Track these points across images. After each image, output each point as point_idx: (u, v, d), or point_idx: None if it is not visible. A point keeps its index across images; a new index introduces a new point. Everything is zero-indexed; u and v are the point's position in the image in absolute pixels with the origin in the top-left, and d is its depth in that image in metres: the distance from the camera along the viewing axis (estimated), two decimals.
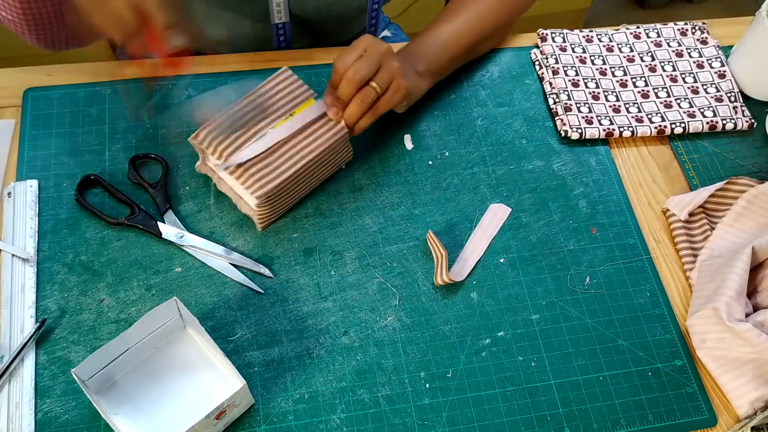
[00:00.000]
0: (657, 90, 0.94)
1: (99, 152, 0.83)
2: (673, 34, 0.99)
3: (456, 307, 0.77)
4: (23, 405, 0.68)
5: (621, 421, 0.73)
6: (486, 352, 0.75)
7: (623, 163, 0.89)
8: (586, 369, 0.75)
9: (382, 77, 0.76)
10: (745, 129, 0.92)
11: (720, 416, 0.74)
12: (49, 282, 0.75)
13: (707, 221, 0.84)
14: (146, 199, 0.80)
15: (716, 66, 0.96)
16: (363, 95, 0.76)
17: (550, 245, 0.82)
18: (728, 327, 0.72)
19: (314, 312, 0.76)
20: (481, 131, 0.89)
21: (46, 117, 0.85)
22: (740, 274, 0.74)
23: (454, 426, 0.71)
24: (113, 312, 0.74)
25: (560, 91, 0.91)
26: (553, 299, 0.79)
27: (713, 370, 0.75)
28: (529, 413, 0.72)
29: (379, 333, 0.75)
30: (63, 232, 0.78)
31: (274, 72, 0.80)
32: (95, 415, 0.68)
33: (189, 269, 0.77)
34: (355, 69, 0.75)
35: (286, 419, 0.70)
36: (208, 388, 0.70)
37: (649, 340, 0.77)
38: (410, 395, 0.72)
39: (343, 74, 0.76)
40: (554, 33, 0.97)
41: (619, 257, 0.82)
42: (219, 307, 0.75)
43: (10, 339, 0.71)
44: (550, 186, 0.86)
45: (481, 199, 0.85)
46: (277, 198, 0.76)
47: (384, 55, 0.77)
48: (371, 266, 0.79)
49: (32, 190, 0.79)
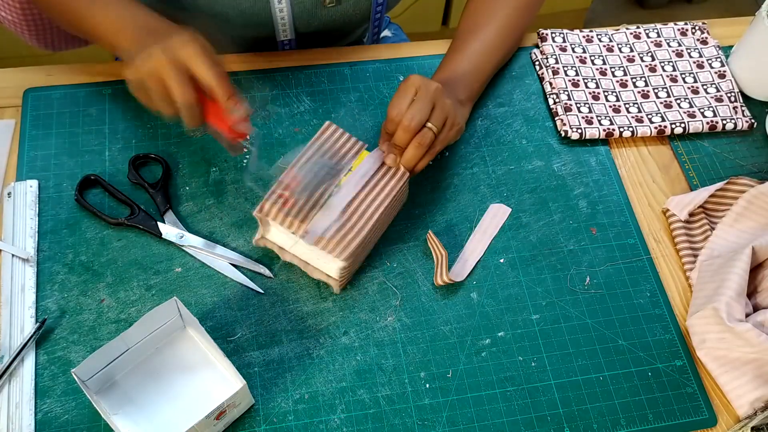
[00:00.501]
0: (657, 90, 0.94)
1: (99, 152, 0.83)
2: (673, 34, 0.99)
3: (456, 307, 0.77)
4: (23, 405, 0.68)
5: (621, 421, 0.73)
6: (486, 352, 0.75)
7: (623, 163, 0.89)
8: (586, 369, 0.75)
9: (437, 117, 0.75)
10: (745, 129, 0.92)
11: (720, 416, 0.74)
12: (49, 282, 0.75)
13: (707, 221, 0.84)
14: (146, 199, 0.80)
15: (716, 66, 0.96)
16: (421, 138, 0.74)
17: (550, 245, 0.82)
18: (728, 327, 0.72)
19: (314, 312, 0.76)
20: (481, 131, 0.89)
21: (46, 117, 0.85)
22: (740, 274, 0.74)
23: (454, 426, 0.71)
24: (113, 312, 0.74)
25: (560, 91, 0.91)
26: (553, 299, 0.79)
27: (713, 370, 0.75)
28: (529, 413, 0.72)
29: (379, 333, 0.75)
30: (63, 232, 0.78)
31: (276, 74, 0.80)
32: (95, 415, 0.68)
33: (189, 269, 0.77)
34: (411, 115, 0.73)
35: (286, 419, 0.70)
36: (208, 388, 0.70)
37: (649, 340, 0.77)
38: (410, 395, 0.72)
39: (398, 122, 0.74)
40: (554, 33, 0.97)
41: (619, 257, 0.82)
42: (219, 307, 0.75)
43: (10, 339, 0.71)
44: (550, 186, 0.86)
45: (481, 199, 0.85)
46: (356, 256, 0.74)
47: (435, 94, 0.75)
48: (371, 266, 0.79)
49: (32, 190, 0.79)
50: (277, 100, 0.89)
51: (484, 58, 0.87)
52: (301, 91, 0.90)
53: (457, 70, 0.85)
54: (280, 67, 0.92)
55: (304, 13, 0.89)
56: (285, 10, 0.87)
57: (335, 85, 0.91)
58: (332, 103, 0.89)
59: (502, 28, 0.89)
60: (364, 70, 0.93)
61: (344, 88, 0.91)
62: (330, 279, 0.75)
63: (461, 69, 0.85)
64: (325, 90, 0.90)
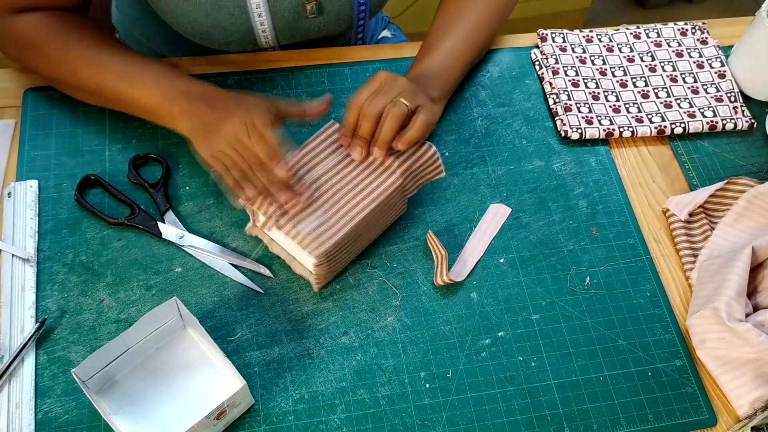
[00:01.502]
0: (657, 90, 0.94)
1: (99, 152, 0.83)
2: (673, 34, 0.99)
3: (456, 307, 0.77)
4: (23, 405, 0.68)
5: (621, 421, 0.73)
6: (486, 352, 0.75)
7: (623, 163, 0.89)
8: (586, 369, 0.75)
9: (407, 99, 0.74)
10: (745, 129, 0.92)
11: (720, 416, 0.74)
12: (49, 282, 0.75)
13: (707, 221, 0.84)
14: (146, 199, 0.80)
15: (716, 66, 0.96)
16: (395, 109, 0.72)
17: (550, 245, 0.82)
18: (728, 327, 0.72)
19: (314, 312, 0.76)
20: (481, 131, 0.89)
21: (46, 117, 0.85)
22: (740, 274, 0.74)
23: (454, 426, 0.71)
24: (113, 312, 0.74)
25: (560, 91, 0.91)
26: (553, 299, 0.79)
27: (713, 370, 0.75)
28: (529, 413, 0.72)
29: (379, 333, 0.75)
30: (63, 232, 0.78)
31: (276, 74, 0.79)
32: (95, 415, 0.68)
33: (189, 269, 0.77)
34: (372, 104, 0.72)
35: (286, 419, 0.70)
36: (208, 388, 0.70)
37: (649, 340, 0.77)
38: (410, 395, 0.72)
39: (359, 111, 0.73)
40: (554, 33, 0.97)
41: (619, 257, 0.82)
42: (219, 307, 0.75)
43: (10, 339, 0.71)
44: (550, 186, 0.86)
45: (481, 199, 0.85)
46: (334, 257, 0.73)
47: (402, 88, 0.74)
48: (371, 266, 0.79)
49: (32, 190, 0.79)
50: None
51: (458, 56, 0.86)
52: (301, 92, 0.90)
53: (430, 67, 0.84)
54: (280, 67, 0.92)
55: (286, 26, 0.88)
56: (266, 23, 0.86)
57: (335, 85, 0.91)
58: (332, 104, 0.89)
59: (476, 23, 0.88)
60: (364, 70, 0.93)
61: (344, 88, 0.91)
62: (310, 276, 0.75)
63: (434, 66, 0.84)
64: (325, 90, 0.90)
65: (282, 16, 0.86)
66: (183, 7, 0.83)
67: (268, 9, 0.84)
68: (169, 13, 0.85)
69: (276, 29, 0.88)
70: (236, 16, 0.84)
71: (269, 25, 0.87)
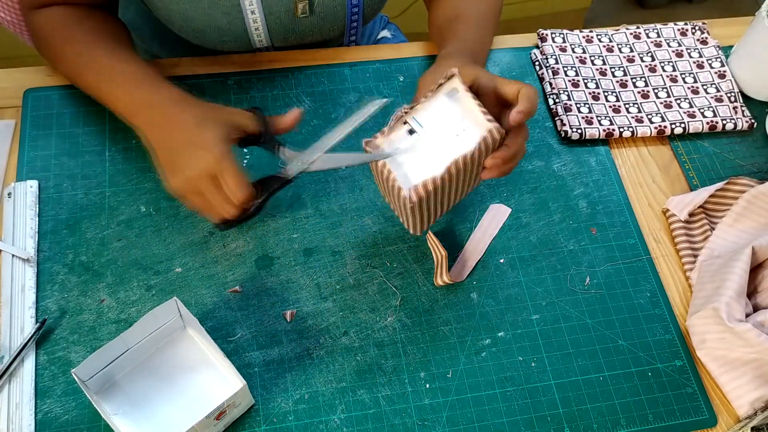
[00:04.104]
0: (657, 90, 0.94)
1: (99, 152, 0.83)
2: (673, 34, 0.99)
3: (456, 307, 0.78)
4: (23, 405, 0.68)
5: (621, 421, 0.73)
6: (486, 353, 0.75)
7: (623, 163, 0.89)
8: (586, 369, 0.75)
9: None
10: (745, 129, 0.92)
11: (720, 416, 0.74)
12: (49, 282, 0.75)
13: (707, 221, 0.84)
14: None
15: (716, 66, 0.96)
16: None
17: (550, 245, 0.82)
18: (728, 327, 0.72)
19: (314, 312, 0.76)
20: None
21: (46, 117, 0.85)
22: (740, 274, 0.74)
23: (454, 426, 0.71)
24: (113, 312, 0.74)
25: (560, 92, 0.91)
26: (553, 299, 0.79)
27: (713, 370, 0.75)
28: (529, 413, 0.72)
29: (379, 333, 0.75)
30: (63, 232, 0.78)
31: (276, 74, 0.79)
32: (95, 416, 0.68)
33: (189, 269, 0.77)
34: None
35: (286, 419, 0.70)
36: (208, 389, 0.70)
37: (649, 340, 0.77)
38: (410, 395, 0.72)
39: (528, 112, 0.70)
40: (554, 33, 0.97)
41: (619, 257, 0.82)
42: (219, 307, 0.75)
43: (10, 339, 0.71)
44: (550, 186, 0.86)
45: (481, 199, 0.85)
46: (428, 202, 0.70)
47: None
48: (371, 266, 0.79)
49: (32, 191, 0.79)
50: (277, 100, 0.89)
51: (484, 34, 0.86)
52: (301, 92, 0.90)
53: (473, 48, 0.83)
54: (280, 68, 0.92)
55: (280, 27, 0.88)
56: (259, 22, 0.86)
57: (335, 86, 0.91)
58: (332, 104, 0.89)
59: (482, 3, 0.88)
60: (364, 71, 0.93)
61: (344, 89, 0.91)
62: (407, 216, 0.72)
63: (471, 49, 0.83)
64: (325, 90, 0.90)
65: (275, 17, 0.87)
66: (178, 4, 0.83)
67: (261, 8, 0.85)
68: (164, 11, 0.85)
69: (270, 29, 0.88)
70: (231, 15, 0.84)
71: (263, 24, 0.87)
